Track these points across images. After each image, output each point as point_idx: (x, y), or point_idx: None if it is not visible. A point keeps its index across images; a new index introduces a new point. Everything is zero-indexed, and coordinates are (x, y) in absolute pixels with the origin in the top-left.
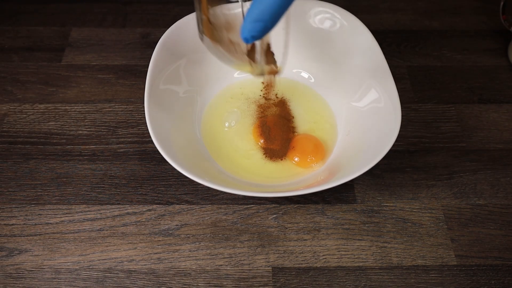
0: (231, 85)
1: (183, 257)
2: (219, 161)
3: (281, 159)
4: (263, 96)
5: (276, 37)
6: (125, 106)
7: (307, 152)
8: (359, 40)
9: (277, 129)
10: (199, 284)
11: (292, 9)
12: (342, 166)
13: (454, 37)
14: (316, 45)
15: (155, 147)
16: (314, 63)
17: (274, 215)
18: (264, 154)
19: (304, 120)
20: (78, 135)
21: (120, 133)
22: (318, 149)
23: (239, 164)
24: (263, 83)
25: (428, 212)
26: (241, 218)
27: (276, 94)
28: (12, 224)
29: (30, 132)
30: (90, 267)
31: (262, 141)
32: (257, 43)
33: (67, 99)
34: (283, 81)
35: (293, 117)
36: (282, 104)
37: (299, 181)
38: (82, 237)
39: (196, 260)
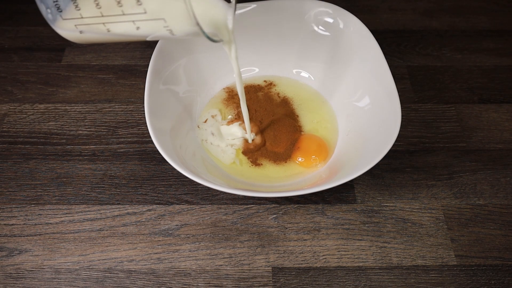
0: (231, 85)
1: (183, 257)
2: (219, 161)
3: (285, 162)
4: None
5: None
6: (125, 106)
7: (310, 152)
8: (359, 40)
9: (283, 130)
10: (199, 284)
11: (292, 9)
12: (342, 166)
13: (454, 37)
14: (316, 45)
15: (155, 147)
16: (314, 63)
17: (274, 215)
18: (268, 157)
19: (307, 120)
20: (78, 135)
21: (120, 133)
22: (322, 148)
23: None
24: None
25: (428, 212)
26: (241, 218)
27: (278, 93)
28: (12, 224)
29: (30, 132)
30: (90, 267)
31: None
32: None
33: (67, 99)
34: (284, 80)
35: (297, 116)
36: (285, 104)
37: (299, 181)
38: (82, 237)
39: (196, 260)
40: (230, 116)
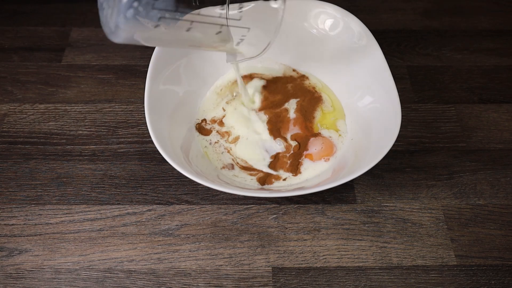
0: (231, 84)
1: (183, 257)
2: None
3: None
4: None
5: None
6: (125, 106)
7: (319, 154)
8: (359, 40)
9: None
10: (199, 284)
11: (293, 9)
12: (342, 166)
13: (454, 37)
14: (316, 45)
15: (155, 147)
16: (314, 63)
17: (274, 215)
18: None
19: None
20: (78, 135)
21: (120, 133)
22: (328, 148)
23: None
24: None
25: (428, 212)
26: (241, 218)
27: (294, 69)
28: (12, 224)
29: (30, 132)
30: (90, 267)
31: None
32: None
33: (67, 99)
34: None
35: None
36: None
37: (300, 181)
38: (82, 237)
39: (196, 260)
40: (235, 94)
